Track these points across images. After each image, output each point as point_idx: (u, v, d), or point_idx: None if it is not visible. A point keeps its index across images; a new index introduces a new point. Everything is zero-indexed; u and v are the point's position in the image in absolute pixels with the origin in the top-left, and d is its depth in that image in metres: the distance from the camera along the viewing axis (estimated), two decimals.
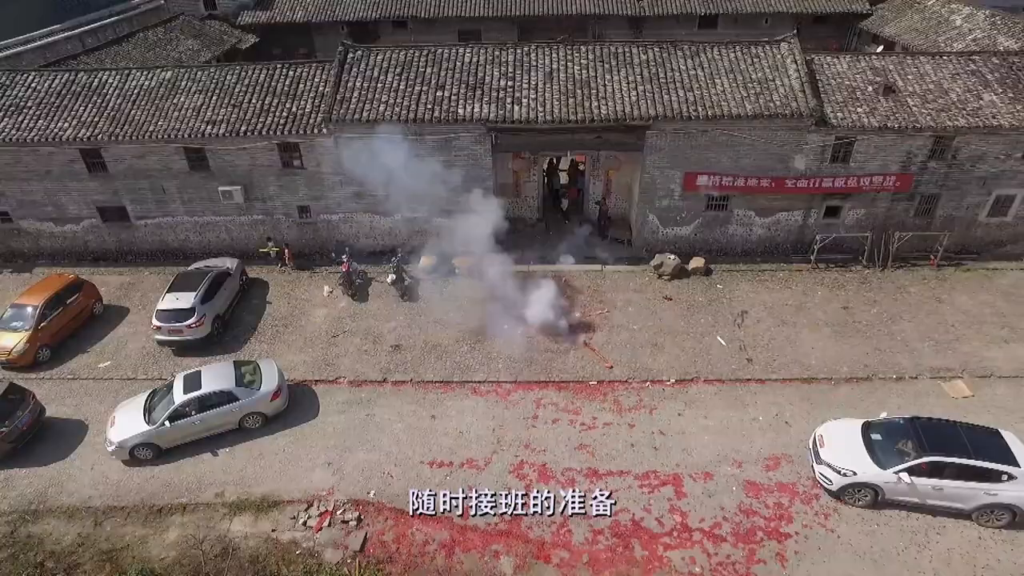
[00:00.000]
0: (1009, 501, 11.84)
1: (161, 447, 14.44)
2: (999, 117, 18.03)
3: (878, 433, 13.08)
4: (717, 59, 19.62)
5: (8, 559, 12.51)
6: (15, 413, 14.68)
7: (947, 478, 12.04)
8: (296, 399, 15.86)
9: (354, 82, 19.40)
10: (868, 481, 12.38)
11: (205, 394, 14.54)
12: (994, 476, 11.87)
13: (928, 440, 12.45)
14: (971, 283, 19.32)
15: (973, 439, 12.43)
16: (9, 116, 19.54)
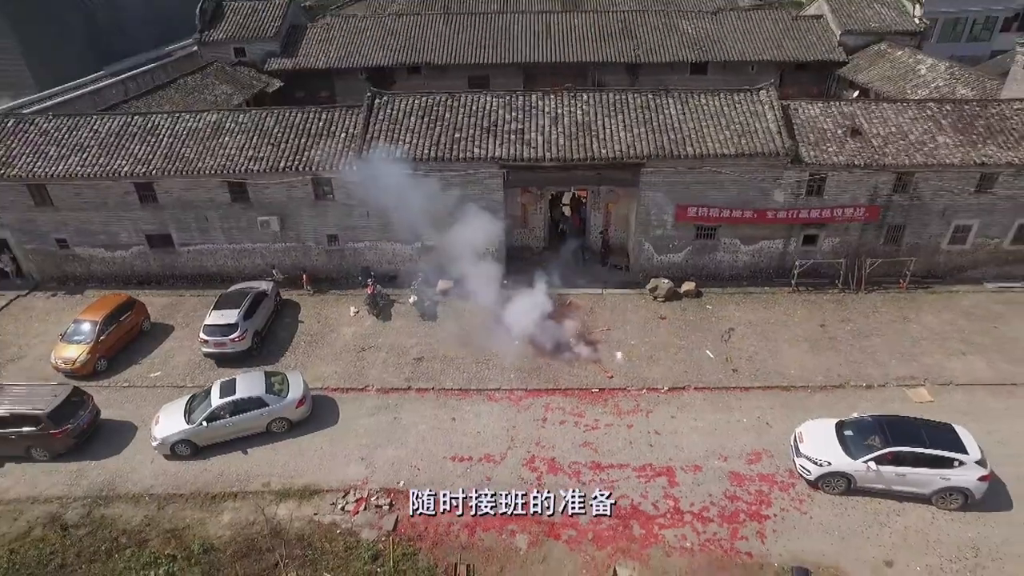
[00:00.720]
0: (961, 484, 13.78)
1: (198, 445, 16.36)
2: (951, 156, 20.52)
3: (849, 430, 15.07)
4: (704, 105, 22.23)
5: (88, 535, 14.37)
6: (78, 413, 16.70)
7: (908, 465, 13.99)
8: (330, 404, 17.88)
9: (381, 124, 21.97)
10: (842, 470, 14.32)
11: (238, 399, 16.53)
12: (947, 463, 13.82)
13: (892, 434, 14.45)
14: (936, 304, 21.51)
15: (930, 432, 14.44)
16: (75, 154, 22.02)
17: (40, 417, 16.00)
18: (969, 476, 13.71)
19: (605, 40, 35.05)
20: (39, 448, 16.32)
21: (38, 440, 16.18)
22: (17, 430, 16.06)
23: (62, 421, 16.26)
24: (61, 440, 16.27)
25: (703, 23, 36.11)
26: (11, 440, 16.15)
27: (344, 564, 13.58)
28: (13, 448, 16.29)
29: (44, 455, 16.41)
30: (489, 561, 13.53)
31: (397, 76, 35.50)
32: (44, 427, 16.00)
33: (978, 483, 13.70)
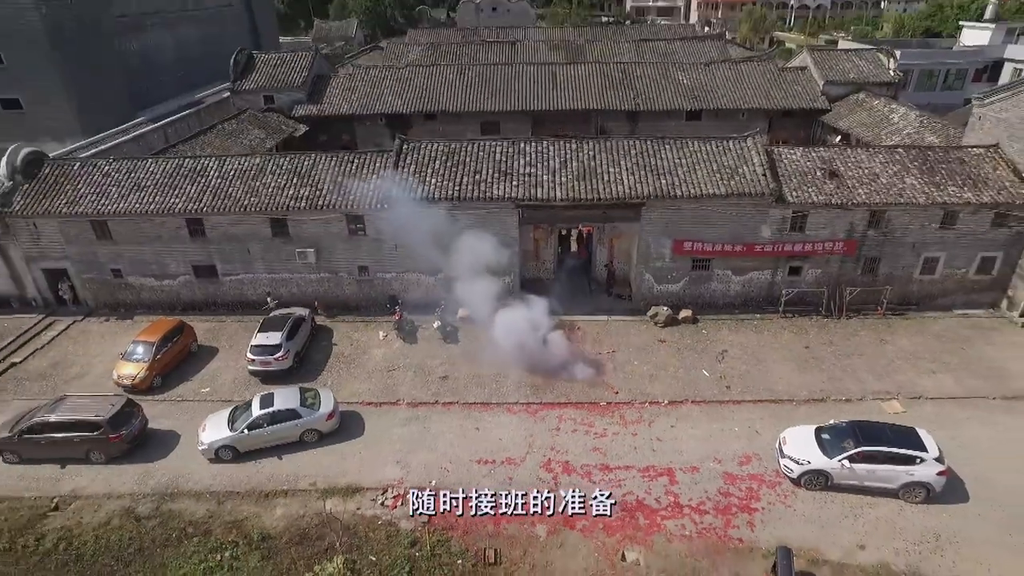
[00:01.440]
0: (923, 479, 15.97)
1: (239, 450, 18.52)
2: (917, 196, 23.26)
3: (826, 434, 17.32)
4: (697, 150, 25.09)
5: (158, 525, 16.46)
6: (131, 421, 18.95)
7: (877, 463, 16.20)
8: (366, 416, 20.11)
9: (408, 168, 24.78)
10: (820, 468, 16.52)
11: (276, 411, 18.75)
12: (911, 460, 16.04)
13: (862, 436, 16.70)
14: (910, 328, 23.93)
15: (895, 434, 16.72)
16: (134, 193, 24.77)
17: (100, 423, 18.24)
18: (930, 471, 15.91)
19: (607, 89, 38.36)
20: (97, 451, 18.51)
21: (96, 444, 18.39)
22: (79, 434, 18.27)
23: (118, 427, 18.50)
24: (117, 445, 18.48)
25: (697, 74, 39.51)
26: (73, 443, 18.36)
27: (387, 549, 15.65)
28: (74, 451, 18.48)
29: (100, 458, 18.58)
30: (513, 546, 15.61)
31: (414, 122, 38.65)
32: (103, 432, 18.22)
33: (937, 477, 15.90)
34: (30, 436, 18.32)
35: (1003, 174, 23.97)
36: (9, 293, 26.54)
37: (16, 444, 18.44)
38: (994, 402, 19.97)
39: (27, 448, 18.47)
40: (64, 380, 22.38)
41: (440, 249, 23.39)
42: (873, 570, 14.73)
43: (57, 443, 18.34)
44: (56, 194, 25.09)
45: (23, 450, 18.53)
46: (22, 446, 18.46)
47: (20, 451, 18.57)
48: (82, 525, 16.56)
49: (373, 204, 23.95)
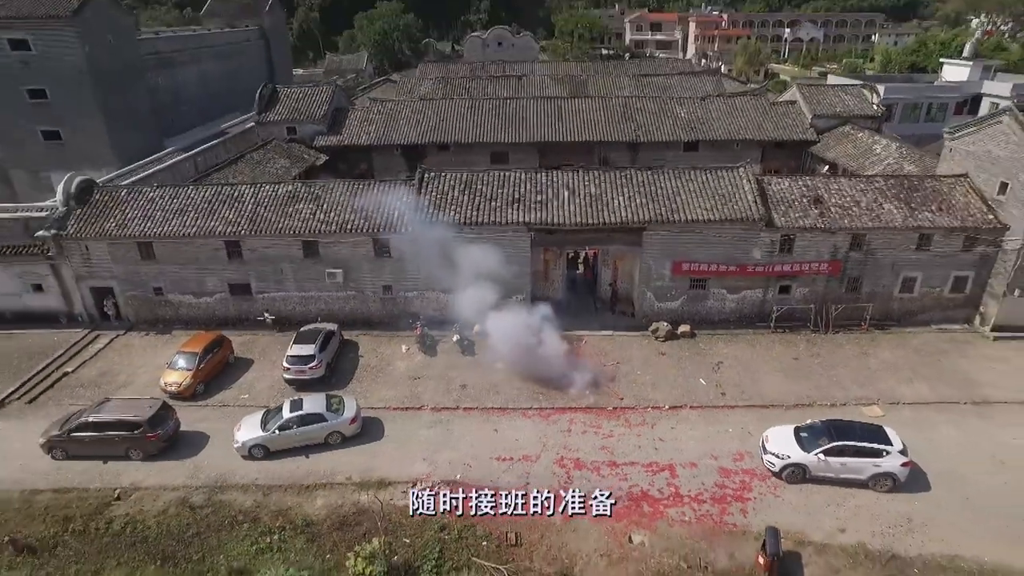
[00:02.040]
0: (888, 470, 18.06)
1: (270, 449, 20.52)
2: (894, 221, 25.67)
3: (804, 432, 19.40)
4: (693, 179, 27.59)
5: (211, 513, 18.43)
6: (166, 422, 21.05)
7: (849, 456, 18.27)
8: (394, 420, 22.18)
9: (429, 195, 27.25)
10: (799, 462, 18.59)
11: (304, 414, 20.79)
12: (878, 453, 18.13)
13: (836, 433, 18.80)
14: (891, 342, 26.14)
15: (863, 430, 18.87)
16: (177, 217, 27.18)
17: (140, 423, 20.34)
18: (895, 463, 18.02)
19: (609, 122, 41.12)
20: (135, 449, 20.52)
21: (136, 442, 20.43)
22: (120, 433, 20.32)
23: (155, 427, 20.58)
24: (154, 443, 20.55)
25: (693, 107, 42.33)
26: (114, 442, 20.40)
27: (419, 533, 17.61)
28: (115, 449, 20.48)
29: (139, 455, 20.57)
30: (532, 531, 17.59)
31: (428, 152, 41.26)
32: (143, 431, 20.30)
33: (901, 468, 18.03)
34: (77, 435, 20.39)
35: (972, 201, 26.43)
36: (58, 309, 28.76)
37: (65, 442, 20.48)
38: (965, 407, 22.10)
39: (74, 445, 20.49)
40: (112, 388, 24.46)
41: (457, 270, 25.66)
42: (852, 549, 16.71)
43: (100, 441, 20.39)
44: (106, 218, 27.50)
45: (70, 447, 20.55)
46: (70, 444, 20.50)
47: (68, 448, 20.58)
48: (144, 512, 18.54)
49: (397, 228, 26.33)
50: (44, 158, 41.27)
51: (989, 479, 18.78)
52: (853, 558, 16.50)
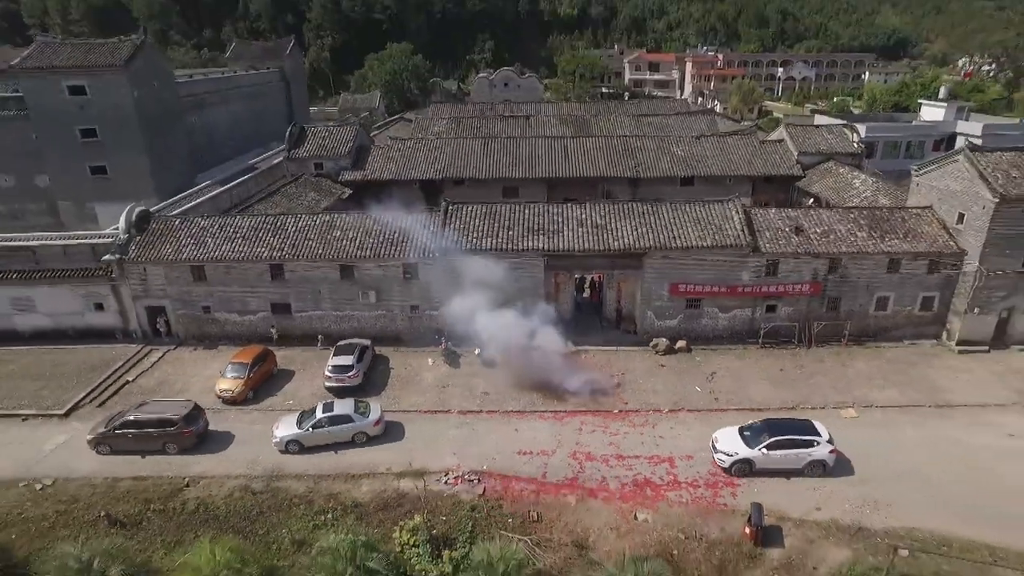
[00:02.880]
0: (819, 457, 21.35)
1: (304, 445, 23.51)
2: (867, 247, 29.11)
3: (747, 431, 22.42)
4: (688, 211, 31.12)
5: (270, 497, 21.35)
6: (198, 421, 24.14)
7: (786, 448, 21.38)
8: (424, 422, 25.21)
9: (453, 225, 30.74)
10: (746, 457, 21.59)
11: (334, 415, 23.85)
12: (809, 444, 21.34)
13: (773, 429, 21.94)
14: (867, 355, 29.30)
15: (796, 426, 22.17)
16: (227, 243, 30.62)
17: (176, 420, 23.46)
18: (823, 451, 21.36)
19: (611, 159, 44.98)
20: (171, 444, 23.49)
21: (172, 437, 23.45)
22: (158, 430, 23.36)
23: (190, 424, 23.69)
24: (188, 438, 23.61)
25: (689, 146, 46.24)
26: (153, 437, 23.40)
27: (453, 512, 20.54)
28: (153, 444, 23.46)
29: (174, 449, 23.52)
30: (550, 510, 20.52)
31: (445, 187, 44.89)
32: (179, 427, 23.39)
33: (829, 455, 21.40)
34: (121, 432, 23.42)
35: (935, 230, 29.91)
36: (115, 326, 31.98)
37: (110, 438, 23.46)
38: (928, 409, 25.18)
39: (117, 441, 23.45)
40: (170, 395, 27.47)
41: (478, 291, 28.93)
42: (825, 524, 19.65)
43: (140, 437, 23.39)
44: (163, 244, 30.95)
45: (114, 443, 23.48)
46: (114, 440, 23.46)
47: (112, 444, 23.50)
48: (212, 496, 21.48)
49: (425, 254, 29.75)
50: (90, 191, 45.02)
51: (944, 469, 21.74)
52: (826, 530, 19.43)
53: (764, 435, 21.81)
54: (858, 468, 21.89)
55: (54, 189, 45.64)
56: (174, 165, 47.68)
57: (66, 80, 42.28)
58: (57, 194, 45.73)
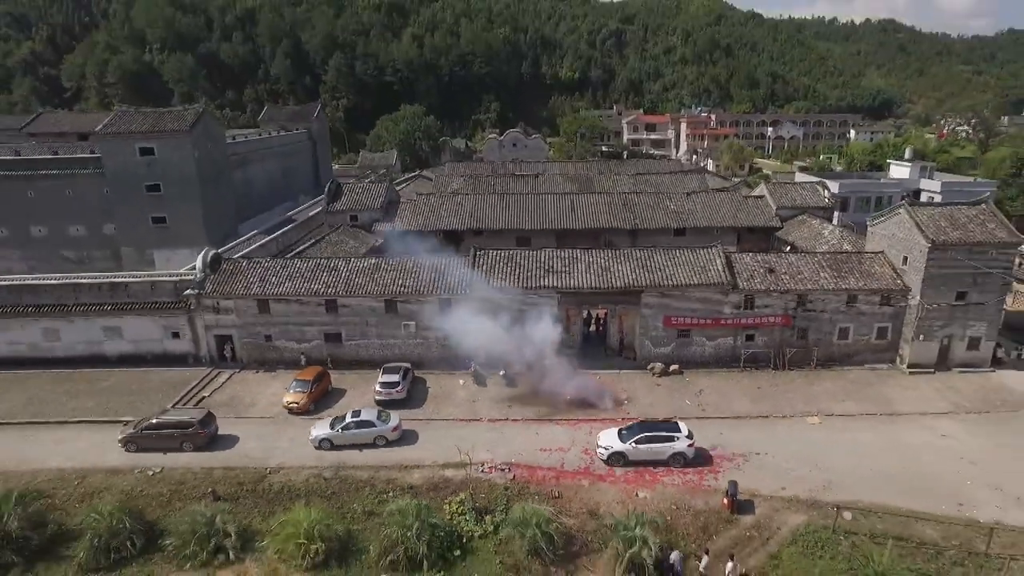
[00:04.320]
0: (679, 450, 26.91)
1: (334, 443, 28.82)
2: (828, 284, 35.18)
3: (624, 431, 28.00)
4: (678, 255, 37.34)
5: (339, 482, 26.59)
6: (211, 424, 29.62)
7: (652, 443, 26.91)
8: (459, 428, 30.61)
9: (480, 268, 36.89)
10: (619, 450, 27.10)
11: (360, 420, 29.35)
12: (671, 439, 26.93)
13: (643, 428, 27.55)
14: (832, 376, 34.94)
15: (663, 426, 27.82)
16: (288, 281, 36.67)
17: (193, 423, 28.97)
18: (682, 445, 26.94)
19: (612, 213, 51.56)
20: (188, 442, 28.75)
21: (189, 437, 28.78)
22: (178, 431, 28.77)
23: (204, 426, 29.15)
24: (203, 437, 28.92)
25: (681, 201, 52.93)
26: (172, 437, 28.72)
27: (490, 491, 25.80)
28: (173, 443, 28.70)
29: (190, 447, 28.72)
30: (568, 490, 25.79)
31: (465, 236, 51.36)
32: (195, 429, 28.82)
33: (688, 448, 27.03)
34: (146, 432, 28.83)
35: (886, 271, 36.06)
36: (188, 352, 37.69)
37: (138, 438, 28.77)
38: (879, 417, 30.69)
39: (144, 440, 28.74)
40: (242, 408, 33.00)
41: (504, 323, 34.78)
42: (788, 498, 24.95)
43: (163, 437, 28.73)
44: (233, 282, 37.01)
45: (141, 442, 28.75)
46: (141, 439, 28.76)
47: (139, 443, 28.76)
48: (292, 481, 26.76)
49: (458, 291, 35.76)
50: (151, 238, 51.55)
51: (887, 460, 27.13)
52: (788, 503, 24.73)
53: (636, 432, 27.55)
54: (818, 461, 27.21)
55: (119, 237, 52.12)
56: (222, 215, 54.36)
57: (138, 143, 49.41)
58: (121, 241, 52.19)
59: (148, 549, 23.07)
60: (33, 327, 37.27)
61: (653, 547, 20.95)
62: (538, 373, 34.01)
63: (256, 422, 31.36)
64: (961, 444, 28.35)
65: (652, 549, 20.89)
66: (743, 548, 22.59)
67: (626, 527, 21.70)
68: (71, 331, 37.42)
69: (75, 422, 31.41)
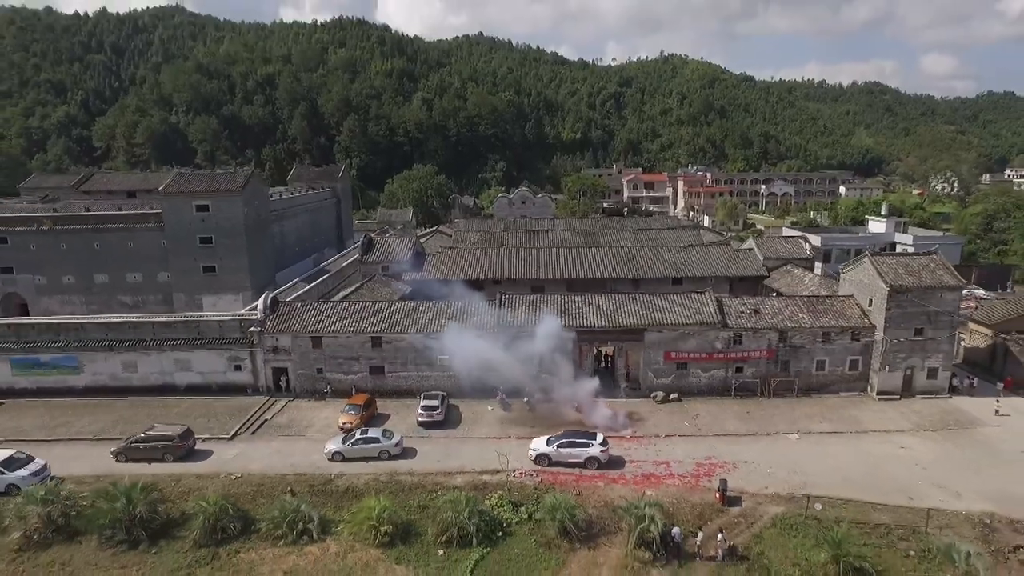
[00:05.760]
0: (594, 455, 32.73)
1: (344, 456, 34.24)
2: (805, 323, 41.40)
3: (552, 439, 33.92)
4: (675, 300, 43.70)
5: (394, 483, 32.05)
6: (189, 439, 35.33)
7: (572, 448, 32.87)
8: (490, 444, 36.18)
9: (506, 310, 43.16)
10: (544, 452, 33.15)
11: (368, 436, 34.90)
12: (587, 445, 32.91)
13: (566, 436, 33.65)
14: (811, 403, 40.72)
15: (583, 435, 34.01)
16: (339, 321, 42.90)
17: (173, 436, 34.64)
18: (596, 451, 32.84)
19: (616, 265, 58.26)
20: (168, 454, 34.25)
21: (169, 449, 34.30)
22: (160, 443, 34.32)
23: (184, 440, 34.84)
24: (181, 450, 34.51)
25: (678, 254, 59.75)
26: (156, 449, 34.26)
27: (521, 490, 31.25)
28: (156, 454, 34.17)
29: (170, 458, 34.16)
30: (587, 490, 31.25)
31: (485, 284, 57.83)
32: (175, 442, 34.44)
33: (601, 453, 32.90)
34: (135, 445, 34.44)
35: (855, 311, 42.36)
36: (248, 382, 43.52)
37: (128, 450, 34.29)
38: (849, 434, 36.39)
39: (133, 452, 34.21)
40: (300, 428, 38.65)
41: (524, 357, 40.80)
42: (770, 495, 30.40)
43: (148, 449, 34.28)
44: (290, 321, 43.21)
45: (130, 453, 34.21)
46: (130, 451, 34.27)
47: (128, 454, 34.21)
48: (354, 483, 32.19)
49: (487, 330, 41.91)
50: (201, 285, 57.97)
51: (853, 466, 32.70)
52: (770, 498, 30.20)
53: (560, 439, 33.79)
54: (796, 467, 32.71)
55: (172, 283, 58.56)
56: (263, 265, 61.03)
57: (196, 200, 56.46)
58: (174, 288, 58.60)
59: (245, 531, 28.38)
60: (114, 359, 43.28)
61: (659, 523, 26.37)
62: (557, 400, 39.83)
63: (316, 440, 36.90)
64: (916, 454, 34.00)
65: (658, 525, 26.29)
66: (732, 530, 27.89)
67: (637, 508, 27.15)
68: (147, 363, 43.40)
69: None
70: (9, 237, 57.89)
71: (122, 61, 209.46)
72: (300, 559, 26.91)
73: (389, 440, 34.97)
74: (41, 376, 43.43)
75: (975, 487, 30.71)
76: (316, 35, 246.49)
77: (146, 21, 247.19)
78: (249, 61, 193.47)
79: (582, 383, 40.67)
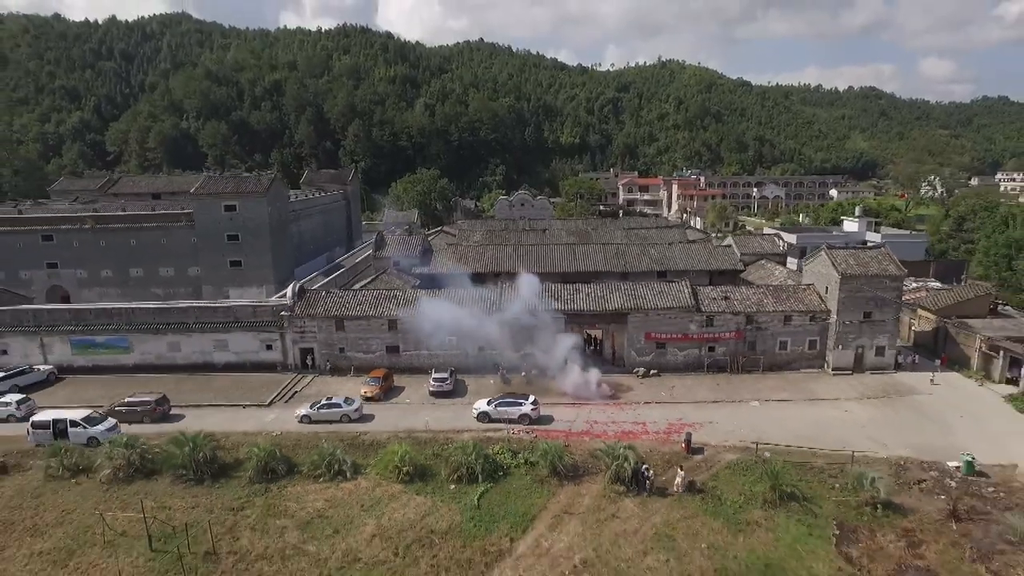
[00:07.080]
0: (525, 412, 39.42)
1: (312, 419, 40.27)
2: (769, 307, 47.42)
3: (492, 400, 40.34)
4: (655, 288, 49.75)
5: (411, 440, 37.98)
6: (165, 404, 41.54)
7: (508, 407, 39.60)
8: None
9: (504, 296, 49.17)
10: (484, 410, 39.72)
11: (331, 403, 40.95)
12: (519, 404, 39.54)
13: (503, 398, 40.22)
14: (775, 378, 46.70)
15: (517, 396, 40.92)
16: (359, 306, 48.95)
17: (150, 402, 40.76)
18: (528, 409, 39.42)
19: (607, 259, 64.30)
20: (147, 417, 40.35)
21: (147, 413, 40.45)
22: (139, 408, 40.49)
23: (159, 405, 40.95)
24: (157, 414, 40.61)
25: (663, 250, 65.80)
26: (136, 412, 40.36)
27: (518, 443, 37.18)
28: (136, 417, 40.28)
29: (148, 420, 40.20)
30: (574, 443, 37.16)
31: (487, 277, 63.87)
32: (151, 407, 40.59)
33: (532, 411, 39.42)
34: (118, 410, 40.47)
35: (814, 298, 48.39)
36: (278, 360, 49.53)
37: (112, 414, 40.08)
38: (804, 401, 42.39)
39: (115, 415, 40.00)
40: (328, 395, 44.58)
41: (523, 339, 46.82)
42: (728, 446, 36.34)
43: (128, 413, 40.32)
44: (315, 306, 49.24)
45: (112, 415, 39.93)
46: (114, 415, 40.05)
47: (112, 416, 40.06)
48: (378, 439, 38.13)
49: (487, 313, 47.94)
50: (228, 279, 64.07)
51: (802, 424, 38.68)
52: (728, 448, 36.17)
53: (497, 400, 40.14)
54: (753, 426, 38.61)
55: (201, 277, 64.68)
56: (284, 260, 67.15)
57: (224, 201, 62.61)
58: (203, 281, 64.73)
59: (290, 473, 34.35)
60: (161, 340, 49.33)
61: (632, 461, 32.32)
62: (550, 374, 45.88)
63: None
64: (857, 416, 40.01)
65: (631, 463, 32.26)
66: (694, 471, 33.87)
67: (613, 450, 33.13)
68: (189, 343, 49.44)
69: (207, 405, 43.14)
70: (55, 235, 64.08)
71: (132, 67, 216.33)
72: (337, 492, 32.86)
73: (350, 406, 40.94)
74: (96, 355, 49.47)
75: (900, 440, 36.72)
76: (321, 42, 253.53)
77: (154, 28, 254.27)
78: (256, 68, 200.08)
79: (571, 361, 46.62)
